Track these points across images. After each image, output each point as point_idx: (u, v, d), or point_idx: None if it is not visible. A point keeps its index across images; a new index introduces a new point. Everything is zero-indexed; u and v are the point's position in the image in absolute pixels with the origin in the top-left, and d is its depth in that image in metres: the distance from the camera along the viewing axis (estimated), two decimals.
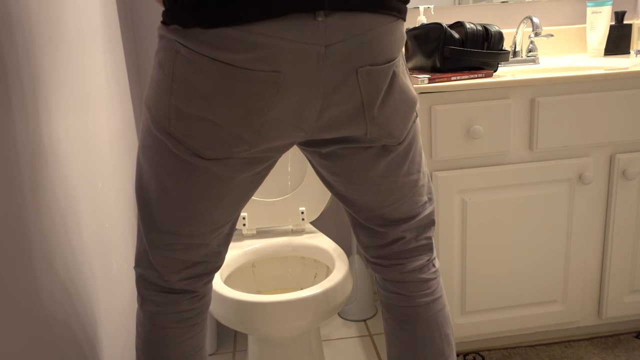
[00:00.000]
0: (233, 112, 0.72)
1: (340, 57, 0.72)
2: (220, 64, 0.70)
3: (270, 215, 1.57)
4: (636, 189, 1.45)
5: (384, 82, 0.77)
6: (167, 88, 0.74)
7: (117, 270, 1.20)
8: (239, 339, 1.75)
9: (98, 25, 1.22)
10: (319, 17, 0.68)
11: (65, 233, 0.91)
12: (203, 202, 0.81)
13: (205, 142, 0.75)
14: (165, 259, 0.85)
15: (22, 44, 0.81)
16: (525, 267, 1.47)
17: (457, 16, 1.78)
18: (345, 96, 0.75)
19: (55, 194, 0.88)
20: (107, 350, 1.09)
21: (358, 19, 0.71)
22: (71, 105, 0.99)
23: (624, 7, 1.84)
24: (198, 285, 0.90)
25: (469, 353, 1.57)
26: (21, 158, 0.77)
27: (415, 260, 0.94)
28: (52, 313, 0.84)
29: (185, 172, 0.78)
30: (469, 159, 1.39)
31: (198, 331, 0.92)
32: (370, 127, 0.80)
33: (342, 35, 0.70)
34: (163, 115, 0.75)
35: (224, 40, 0.68)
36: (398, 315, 0.95)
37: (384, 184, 0.88)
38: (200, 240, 0.85)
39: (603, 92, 1.36)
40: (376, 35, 0.73)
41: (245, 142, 0.75)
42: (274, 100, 0.72)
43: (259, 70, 0.69)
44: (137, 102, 1.59)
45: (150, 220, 0.83)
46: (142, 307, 0.89)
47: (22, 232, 0.76)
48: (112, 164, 1.23)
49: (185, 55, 0.71)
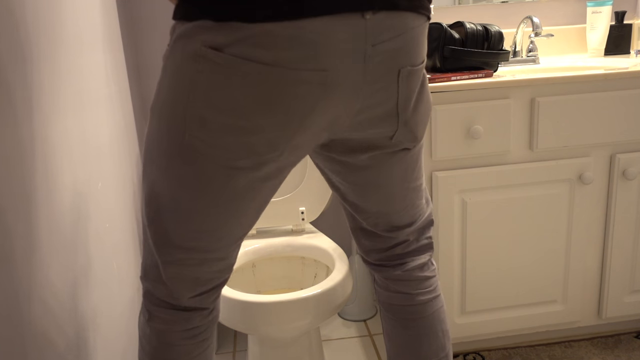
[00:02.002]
0: (271, 119, 0.68)
1: (385, 56, 0.70)
2: (258, 66, 0.64)
3: (270, 215, 1.57)
4: (636, 189, 1.45)
5: (417, 83, 0.77)
6: (186, 95, 0.68)
7: (118, 271, 1.20)
8: (239, 339, 1.75)
9: (98, 25, 1.22)
10: (367, 15, 0.66)
11: (65, 233, 0.91)
12: (222, 215, 0.76)
13: (231, 152, 0.69)
14: (177, 275, 0.80)
15: (22, 44, 0.80)
16: (525, 267, 1.47)
17: (457, 16, 1.78)
18: (383, 97, 0.74)
19: (55, 194, 0.88)
20: (108, 351, 1.09)
21: (401, 18, 0.70)
22: (71, 105, 0.99)
23: (624, 7, 1.84)
24: (209, 301, 0.85)
25: (469, 353, 1.57)
26: (21, 158, 0.77)
27: (418, 259, 0.95)
28: (52, 313, 0.84)
29: (204, 184, 0.72)
30: (469, 159, 1.38)
31: (208, 345, 0.87)
32: (400, 129, 0.79)
33: (386, 34, 0.69)
34: (180, 125, 0.69)
35: (267, 37, 0.63)
36: (400, 314, 0.95)
37: (397, 191, 0.87)
38: (215, 254, 0.80)
39: (603, 92, 1.36)
40: (415, 35, 0.73)
41: (276, 150, 0.71)
42: (318, 103, 0.68)
43: (305, 70, 0.66)
44: (137, 102, 1.59)
45: (163, 235, 0.77)
46: (150, 323, 0.84)
47: (22, 232, 0.76)
48: (112, 164, 1.23)
49: (213, 58, 0.65)
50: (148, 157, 0.76)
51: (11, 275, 0.72)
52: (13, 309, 0.72)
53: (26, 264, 0.76)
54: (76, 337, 0.92)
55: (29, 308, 0.76)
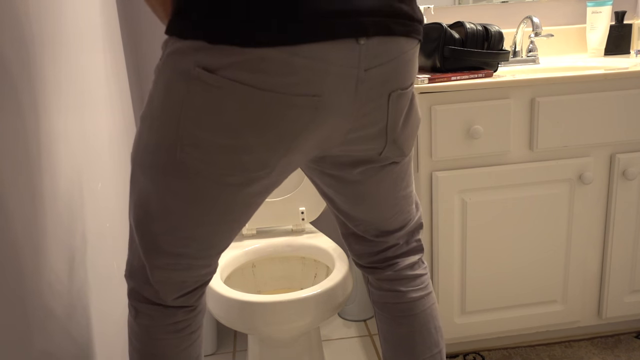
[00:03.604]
0: (262, 139, 0.68)
1: (377, 81, 0.71)
2: (251, 89, 0.64)
3: (270, 215, 1.57)
4: (636, 189, 1.44)
5: (406, 104, 0.79)
6: (177, 114, 0.68)
7: (118, 271, 1.20)
8: (239, 339, 1.75)
9: (98, 25, 1.22)
10: (361, 40, 0.67)
11: (65, 233, 0.91)
12: (213, 225, 0.77)
13: (222, 169, 0.70)
14: (165, 278, 0.82)
15: (22, 43, 0.81)
16: (525, 267, 1.47)
17: (457, 16, 1.78)
18: (373, 119, 0.75)
19: (55, 194, 0.88)
20: (108, 351, 1.09)
21: (394, 43, 0.71)
22: (71, 105, 0.99)
23: (624, 7, 1.84)
24: (192, 300, 0.87)
25: (469, 353, 1.57)
26: (21, 158, 0.77)
27: (408, 259, 0.97)
28: (52, 313, 0.84)
29: (195, 197, 0.73)
30: (469, 159, 1.38)
31: (195, 338, 0.90)
32: (388, 146, 0.80)
33: (379, 59, 0.70)
34: (172, 142, 0.69)
35: (261, 62, 0.63)
36: (394, 312, 0.97)
37: (388, 200, 0.89)
38: (202, 262, 0.82)
39: (603, 92, 1.36)
40: (407, 59, 0.74)
41: (267, 167, 0.72)
42: (309, 125, 0.69)
43: (299, 95, 0.66)
44: (137, 102, 1.59)
45: (151, 241, 0.79)
46: (137, 319, 0.86)
47: (22, 232, 0.76)
48: (112, 164, 1.23)
49: (206, 80, 0.65)
50: (137, 164, 0.76)
51: (11, 275, 0.72)
52: (12, 309, 0.72)
53: (26, 264, 0.76)
54: (76, 336, 0.92)
55: (28, 308, 0.76)
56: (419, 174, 1.38)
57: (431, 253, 1.44)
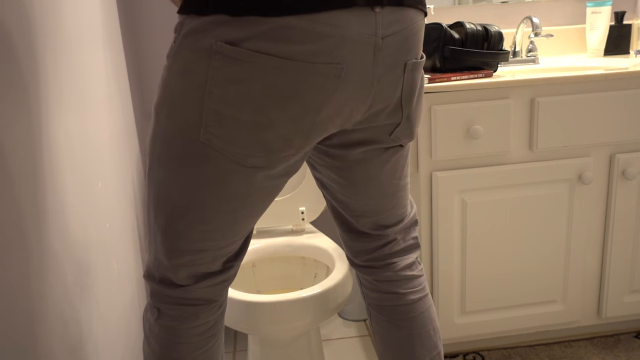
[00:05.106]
0: (286, 112, 0.68)
1: (393, 49, 0.73)
2: (275, 59, 0.65)
3: (270, 215, 1.57)
4: (636, 189, 1.45)
5: (418, 77, 0.81)
6: (201, 92, 0.67)
7: (118, 270, 1.20)
8: (239, 339, 1.75)
9: (98, 25, 1.22)
10: (376, 9, 0.69)
11: (65, 233, 0.91)
12: (235, 212, 0.76)
13: (248, 149, 0.70)
14: (190, 273, 0.81)
15: (22, 43, 0.81)
16: (525, 267, 1.47)
17: (457, 16, 1.78)
18: (390, 91, 0.77)
19: (55, 193, 0.88)
20: (108, 351, 1.09)
21: (404, 13, 0.73)
22: (71, 104, 0.99)
23: (624, 7, 1.84)
24: (219, 293, 0.86)
25: (469, 353, 1.57)
26: (21, 157, 0.77)
27: (406, 258, 0.97)
28: (52, 313, 0.84)
29: (218, 183, 0.72)
30: (469, 159, 1.39)
31: (215, 341, 0.88)
32: (402, 123, 0.82)
33: (393, 27, 0.72)
34: (195, 123, 0.69)
35: (284, 31, 0.64)
36: (392, 314, 0.96)
37: (388, 187, 0.90)
38: (226, 251, 0.81)
39: (603, 92, 1.36)
40: (416, 30, 0.76)
41: (292, 147, 0.72)
42: (332, 96, 0.70)
43: (321, 63, 0.67)
44: (137, 102, 1.59)
45: (175, 239, 0.77)
46: (159, 320, 0.84)
47: (22, 232, 0.76)
48: (112, 163, 1.23)
49: (229, 54, 0.65)
50: (155, 160, 0.75)
51: (10, 275, 0.72)
52: (13, 309, 0.72)
53: (26, 264, 0.76)
54: (76, 336, 0.92)
55: (28, 307, 0.76)
56: (419, 174, 1.38)
57: (431, 253, 1.44)
